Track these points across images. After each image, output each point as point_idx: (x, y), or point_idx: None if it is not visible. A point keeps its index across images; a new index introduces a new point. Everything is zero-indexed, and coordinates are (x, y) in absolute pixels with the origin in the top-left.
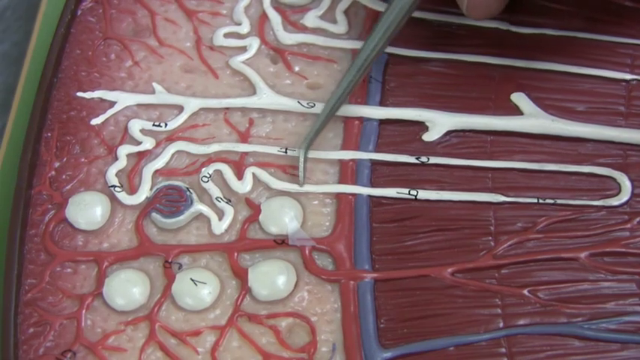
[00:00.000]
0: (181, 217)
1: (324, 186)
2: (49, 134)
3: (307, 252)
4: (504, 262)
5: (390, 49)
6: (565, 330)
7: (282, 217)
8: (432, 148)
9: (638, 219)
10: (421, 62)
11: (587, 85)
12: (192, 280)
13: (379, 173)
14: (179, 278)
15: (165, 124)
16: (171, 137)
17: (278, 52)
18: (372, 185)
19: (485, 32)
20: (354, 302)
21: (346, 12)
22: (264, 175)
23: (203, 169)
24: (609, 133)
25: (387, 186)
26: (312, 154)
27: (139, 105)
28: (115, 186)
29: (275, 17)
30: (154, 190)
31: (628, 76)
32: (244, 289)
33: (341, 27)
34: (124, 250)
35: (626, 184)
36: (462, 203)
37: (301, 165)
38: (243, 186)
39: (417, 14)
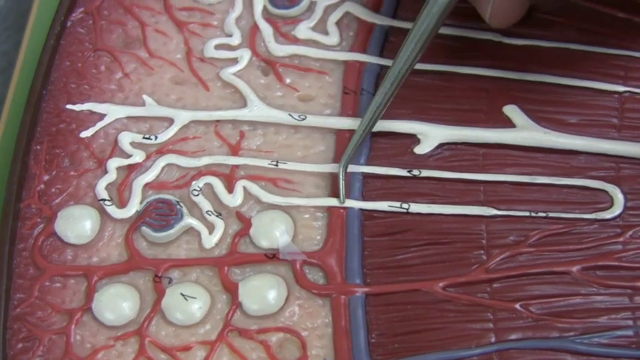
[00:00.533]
0: (171, 231)
1: (315, 199)
2: (38, 147)
3: (298, 266)
4: (496, 276)
5: (382, 61)
6: (557, 345)
7: (273, 231)
8: (424, 161)
9: (630, 232)
10: (413, 74)
11: (579, 97)
12: (183, 294)
13: (371, 186)
14: (169, 293)
15: (156, 137)
16: (162, 150)
17: (269, 64)
18: (364, 199)
19: (478, 44)
20: (346, 317)
21: (338, 23)
22: (254, 188)
23: (193, 183)
24: (602, 145)
25: (379, 199)
26: (302, 166)
27: (129, 117)
28: (104, 199)
29: (266, 28)
30: (144, 203)
31: (621, 88)
32: (235, 303)
33: (333, 38)
34: (113, 264)
35: (619, 197)
36: (453, 217)
37: (341, 182)
38: (234, 199)
39: (409, 25)
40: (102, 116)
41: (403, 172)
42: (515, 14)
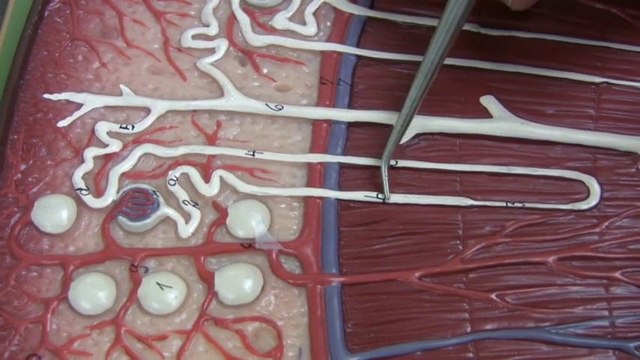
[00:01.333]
0: (148, 221)
1: (291, 189)
2: (16, 136)
3: (274, 256)
4: (472, 267)
5: (359, 51)
6: (533, 335)
7: (250, 221)
8: (401, 151)
9: (606, 223)
10: (390, 64)
11: (556, 87)
12: (159, 284)
13: (347, 176)
14: (145, 282)
15: (133, 127)
16: (139, 140)
17: (246, 54)
18: (341, 188)
19: None
20: (321, 306)
21: (315, 14)
22: (231, 178)
23: (170, 172)
24: (578, 136)
25: (356, 189)
26: (279, 156)
27: (106, 107)
28: (81, 189)
29: (244, 19)
30: (120, 193)
31: (598, 79)
32: (211, 293)
33: (310, 29)
34: (90, 253)
35: (595, 187)
36: (430, 207)
37: (385, 178)
38: (210, 189)
39: (386, 16)
40: (79, 106)
41: (380, 163)
42: None
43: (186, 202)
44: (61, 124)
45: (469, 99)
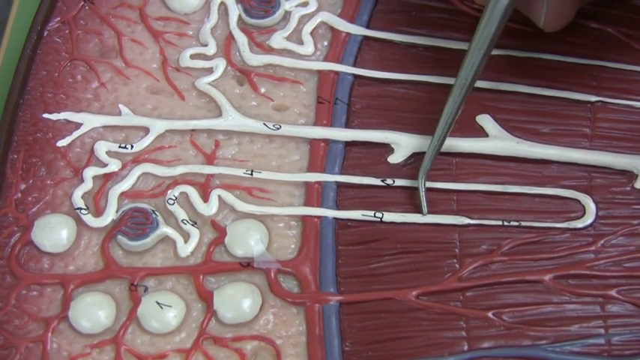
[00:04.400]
0: (147, 240)
1: (289, 208)
2: (15, 156)
3: (273, 275)
4: (469, 285)
5: (356, 71)
6: (529, 353)
7: (248, 240)
8: (398, 170)
9: (602, 241)
10: (387, 84)
11: (552, 106)
12: (158, 303)
13: (345, 195)
14: (145, 301)
15: (132, 146)
16: (138, 159)
17: (244, 74)
18: (338, 207)
19: (451, 54)
20: (320, 325)
21: (312, 33)
22: (229, 197)
23: (169, 192)
24: (574, 155)
25: (353, 208)
26: (277, 176)
27: (105, 127)
28: (80, 208)
29: (241, 38)
30: (119, 212)
31: (593, 98)
32: (210, 312)
33: (307, 48)
34: (89, 272)
35: (591, 206)
36: (427, 226)
37: (422, 195)
38: (209, 208)
39: (383, 35)
40: (78, 125)
41: (377, 182)
42: (568, 17)
43: (185, 222)
44: (61, 143)
45: (465, 118)
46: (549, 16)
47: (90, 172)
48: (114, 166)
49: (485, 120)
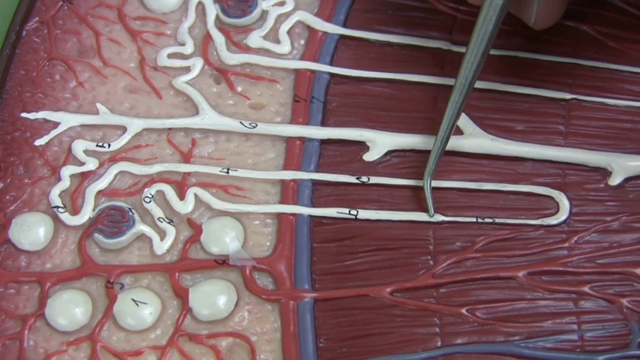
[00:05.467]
0: (123, 238)
1: (265, 206)
2: None
3: (248, 272)
4: (443, 282)
5: (332, 69)
6: (502, 349)
7: (224, 237)
8: (373, 167)
9: (575, 238)
10: (363, 82)
11: (526, 104)
12: (134, 300)
13: (320, 193)
14: (121, 298)
15: (109, 145)
16: (115, 158)
17: (221, 73)
18: (313, 205)
19: (426, 52)
20: (294, 322)
21: (289, 32)
22: (205, 195)
23: (146, 190)
24: (548, 152)
25: (328, 206)
26: (253, 174)
27: (82, 125)
28: (58, 207)
29: (219, 37)
30: (96, 210)
31: (568, 96)
32: (185, 309)
33: (284, 47)
34: (66, 270)
35: (565, 203)
36: (401, 223)
37: (428, 196)
38: (185, 206)
39: (359, 34)
40: (56, 124)
41: (352, 179)
42: (558, 14)
43: (162, 220)
44: (38, 142)
45: (441, 116)
46: (540, 14)
47: (67, 171)
48: (91, 164)
49: (460, 118)
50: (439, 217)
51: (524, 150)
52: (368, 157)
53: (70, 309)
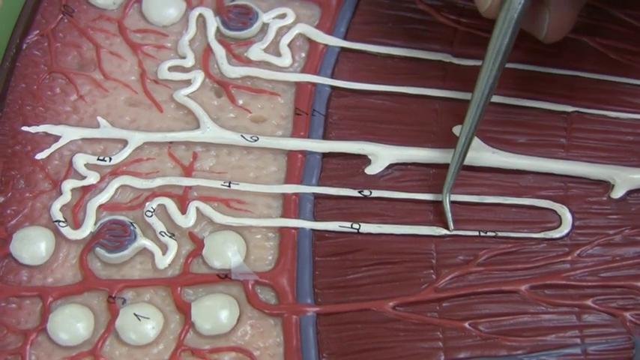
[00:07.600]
0: (125, 252)
1: (267, 220)
2: None
3: (250, 286)
4: (445, 296)
5: (333, 82)
6: None
7: (226, 252)
8: (375, 181)
9: (578, 251)
10: (364, 95)
11: (528, 117)
12: (136, 314)
13: (322, 207)
14: (123, 313)
15: (110, 159)
16: (116, 171)
17: (222, 86)
18: (315, 219)
19: (427, 64)
20: (297, 336)
21: (290, 45)
22: (207, 209)
23: (147, 204)
24: (550, 165)
25: (330, 219)
26: (254, 187)
27: (83, 139)
28: (59, 221)
29: (219, 50)
30: (98, 224)
31: (569, 108)
32: (188, 323)
33: (285, 60)
34: (68, 285)
35: (567, 216)
36: (403, 237)
37: (447, 210)
38: (187, 220)
39: (360, 47)
40: (57, 138)
41: (354, 193)
42: (568, 28)
43: (163, 234)
44: (39, 156)
45: (442, 129)
46: (551, 28)
47: (68, 185)
48: (92, 178)
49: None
50: (442, 231)
51: (526, 163)
52: (370, 170)
53: (71, 324)
